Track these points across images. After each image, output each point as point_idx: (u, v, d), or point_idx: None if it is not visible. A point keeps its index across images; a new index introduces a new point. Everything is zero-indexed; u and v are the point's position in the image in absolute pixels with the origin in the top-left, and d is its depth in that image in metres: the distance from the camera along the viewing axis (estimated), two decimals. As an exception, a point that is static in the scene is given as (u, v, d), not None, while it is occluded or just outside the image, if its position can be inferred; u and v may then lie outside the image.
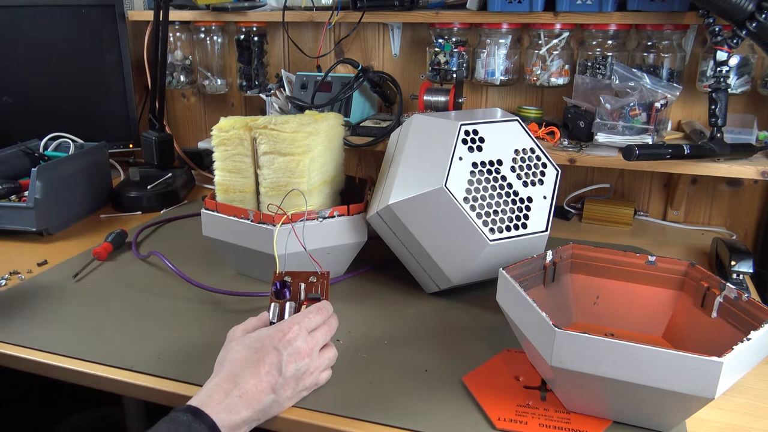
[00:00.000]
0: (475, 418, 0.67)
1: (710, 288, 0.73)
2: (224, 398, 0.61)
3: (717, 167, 1.04)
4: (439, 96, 1.23)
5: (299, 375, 0.67)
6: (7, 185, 1.19)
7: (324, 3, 1.33)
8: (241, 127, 0.91)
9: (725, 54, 1.00)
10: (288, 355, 0.66)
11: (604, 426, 0.65)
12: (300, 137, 0.88)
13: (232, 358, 0.66)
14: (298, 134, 0.88)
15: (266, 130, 0.89)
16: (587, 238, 1.19)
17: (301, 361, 0.67)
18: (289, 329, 0.69)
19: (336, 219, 0.93)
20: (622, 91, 1.11)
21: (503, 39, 1.23)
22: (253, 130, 0.90)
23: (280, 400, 0.66)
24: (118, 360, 0.77)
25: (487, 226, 0.84)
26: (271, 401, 0.65)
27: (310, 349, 0.69)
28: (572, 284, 0.83)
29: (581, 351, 0.60)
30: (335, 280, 1.00)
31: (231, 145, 0.92)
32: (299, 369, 0.67)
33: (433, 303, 0.93)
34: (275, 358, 0.66)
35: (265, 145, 0.89)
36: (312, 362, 0.69)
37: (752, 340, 0.60)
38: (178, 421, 0.58)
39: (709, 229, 1.26)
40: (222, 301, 0.93)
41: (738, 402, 0.71)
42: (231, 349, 0.68)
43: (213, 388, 0.62)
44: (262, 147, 0.90)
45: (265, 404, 0.64)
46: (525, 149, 0.90)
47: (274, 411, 0.66)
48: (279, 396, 0.65)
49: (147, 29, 1.51)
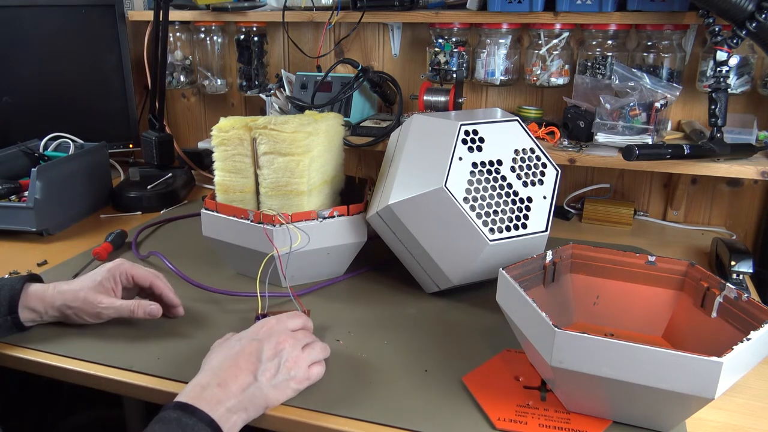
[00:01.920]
0: (475, 418, 0.67)
1: (710, 288, 0.73)
2: (202, 391, 0.62)
3: (717, 167, 1.04)
4: (439, 96, 1.23)
5: (280, 361, 0.68)
6: (7, 185, 1.19)
7: (324, 3, 1.33)
8: (241, 128, 0.91)
9: (725, 54, 1.00)
10: (267, 343, 0.69)
11: (604, 426, 0.65)
12: (300, 137, 0.88)
13: (212, 357, 0.69)
14: (298, 134, 0.88)
15: (266, 130, 0.89)
16: (587, 238, 1.19)
17: (281, 347, 0.69)
18: (266, 323, 0.72)
19: (336, 219, 0.93)
20: (622, 91, 1.11)
21: (503, 39, 1.23)
22: (253, 130, 0.90)
23: (263, 386, 0.66)
24: (118, 360, 0.77)
25: (487, 226, 0.84)
26: (254, 388, 0.65)
27: (292, 338, 0.71)
28: (572, 284, 0.83)
29: (581, 351, 0.60)
30: (335, 280, 1.00)
31: (231, 145, 0.92)
32: (279, 354, 0.69)
33: (433, 303, 0.93)
34: (254, 347, 0.68)
35: (264, 145, 0.89)
36: (293, 351, 0.70)
37: (752, 340, 0.60)
38: (168, 419, 0.59)
39: (709, 229, 1.26)
40: (222, 301, 0.93)
41: (738, 402, 0.71)
42: (212, 351, 0.72)
43: (194, 383, 0.65)
44: (261, 147, 0.90)
45: (248, 392, 0.65)
46: (525, 149, 0.90)
47: (261, 401, 0.66)
48: (260, 382, 0.66)
49: (147, 29, 1.51)
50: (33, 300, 0.81)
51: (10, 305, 0.79)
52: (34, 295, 0.81)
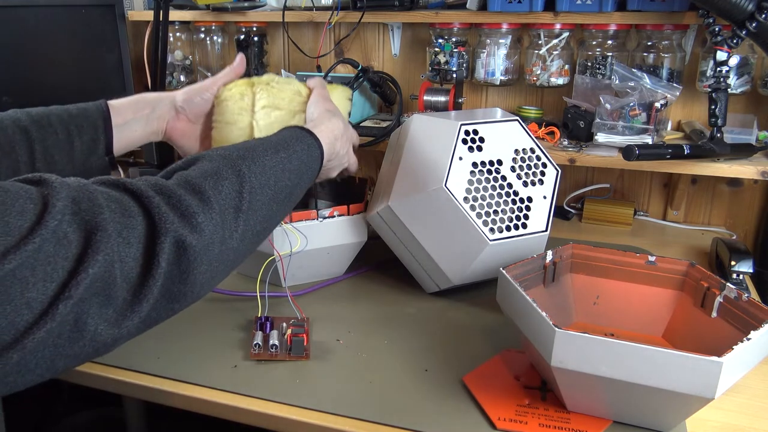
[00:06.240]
0: (475, 418, 0.67)
1: (710, 288, 0.73)
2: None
3: (717, 167, 1.04)
4: (439, 96, 1.23)
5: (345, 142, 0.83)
6: (7, 185, 1.19)
7: (324, 3, 1.33)
8: (244, 84, 0.91)
9: (725, 54, 1.00)
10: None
11: (604, 426, 0.66)
12: (299, 99, 0.88)
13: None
14: (298, 97, 0.89)
15: (268, 87, 0.89)
16: (587, 238, 1.19)
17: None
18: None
19: (336, 219, 0.93)
20: (622, 91, 1.11)
21: (503, 39, 1.23)
22: (255, 85, 0.90)
23: (338, 145, 0.80)
24: (118, 360, 0.77)
25: (487, 225, 0.84)
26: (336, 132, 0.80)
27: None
28: (572, 284, 0.83)
29: (581, 351, 0.60)
30: (335, 280, 1.00)
31: (232, 100, 0.91)
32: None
33: (433, 303, 0.93)
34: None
35: (264, 99, 0.89)
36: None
37: (752, 340, 0.60)
38: (296, 134, 0.73)
39: (709, 229, 1.26)
40: (222, 301, 0.93)
41: (738, 402, 0.71)
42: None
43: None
44: (260, 102, 0.89)
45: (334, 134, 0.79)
46: (525, 149, 0.90)
47: (337, 144, 0.80)
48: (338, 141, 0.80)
49: (147, 29, 1.51)
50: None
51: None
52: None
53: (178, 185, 0.56)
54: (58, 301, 0.44)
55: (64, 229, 0.45)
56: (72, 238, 0.45)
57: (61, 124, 0.77)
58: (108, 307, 0.47)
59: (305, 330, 0.80)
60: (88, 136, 0.79)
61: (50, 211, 0.45)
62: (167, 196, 0.54)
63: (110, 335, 0.48)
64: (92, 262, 0.45)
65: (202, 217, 0.54)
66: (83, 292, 0.45)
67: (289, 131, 0.74)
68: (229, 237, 0.57)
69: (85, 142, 0.78)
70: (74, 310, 0.45)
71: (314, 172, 0.74)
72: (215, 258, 0.56)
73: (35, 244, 0.43)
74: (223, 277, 0.61)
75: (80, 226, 0.46)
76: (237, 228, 0.58)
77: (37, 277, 0.43)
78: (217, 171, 0.59)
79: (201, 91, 0.89)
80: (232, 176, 0.60)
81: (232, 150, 0.64)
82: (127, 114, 0.83)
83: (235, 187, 0.59)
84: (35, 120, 0.76)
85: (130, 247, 0.49)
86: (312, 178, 0.74)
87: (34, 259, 0.43)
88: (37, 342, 0.43)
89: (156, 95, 0.88)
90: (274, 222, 0.67)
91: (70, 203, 0.46)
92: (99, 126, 0.80)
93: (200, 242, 0.54)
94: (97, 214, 0.47)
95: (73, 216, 0.46)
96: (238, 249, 0.60)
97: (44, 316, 0.43)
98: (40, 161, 0.75)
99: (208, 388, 0.72)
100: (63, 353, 0.46)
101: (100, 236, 0.46)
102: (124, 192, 0.53)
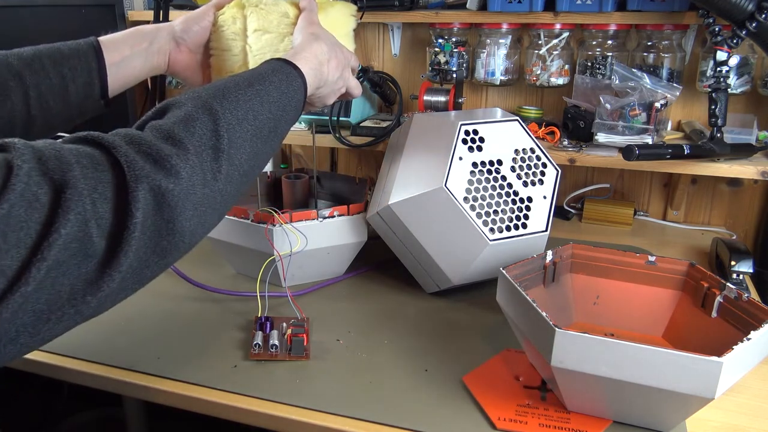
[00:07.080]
0: (475, 418, 0.67)
1: (710, 288, 0.73)
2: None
3: (717, 167, 1.04)
4: (439, 96, 1.23)
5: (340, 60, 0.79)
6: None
7: (324, 3, 1.33)
8: (235, 6, 0.90)
9: (725, 54, 1.00)
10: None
11: (604, 426, 0.66)
12: (286, 21, 0.86)
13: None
14: (285, 19, 0.86)
15: (257, 9, 0.88)
16: (587, 238, 1.19)
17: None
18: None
19: (336, 219, 0.93)
20: (622, 91, 1.11)
21: (503, 39, 1.23)
22: (246, 7, 0.89)
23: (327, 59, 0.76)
24: (118, 360, 0.77)
25: (487, 225, 0.84)
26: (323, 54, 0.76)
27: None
28: (572, 284, 0.83)
29: (581, 351, 0.60)
30: (335, 280, 1.00)
31: (225, 25, 0.90)
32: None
33: (433, 303, 0.93)
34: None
35: (255, 22, 0.88)
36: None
37: (752, 340, 0.60)
38: (273, 65, 0.70)
39: (709, 229, 1.26)
40: (222, 301, 0.93)
41: (738, 402, 0.71)
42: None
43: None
44: (252, 25, 0.88)
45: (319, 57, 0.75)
46: (525, 149, 0.90)
47: (324, 69, 0.76)
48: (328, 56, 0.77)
49: (147, 29, 1.51)
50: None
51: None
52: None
53: (149, 133, 0.54)
54: (31, 264, 0.42)
55: (33, 191, 0.43)
56: (44, 200, 0.43)
57: (54, 67, 0.73)
58: (87, 267, 0.45)
59: (305, 330, 0.80)
60: (82, 79, 0.75)
61: (17, 173, 0.42)
62: (137, 144, 0.51)
63: (92, 296, 0.46)
64: (63, 222, 0.43)
65: (176, 159, 0.52)
66: (58, 254, 0.43)
67: (267, 64, 0.71)
68: (213, 178, 0.55)
69: (79, 86, 0.75)
70: (51, 274, 0.43)
71: (299, 102, 0.71)
72: (200, 202, 0.54)
73: (3, 210, 0.41)
74: (214, 223, 0.59)
75: (50, 187, 0.44)
76: (220, 168, 0.56)
77: (9, 243, 0.41)
78: (187, 113, 0.57)
79: (198, 19, 0.87)
80: (204, 115, 0.57)
81: (202, 91, 0.61)
82: (124, 50, 0.79)
83: (209, 126, 0.57)
84: (27, 63, 0.72)
85: (106, 203, 0.47)
86: (298, 109, 0.71)
87: (4, 224, 0.41)
88: (14, 309, 0.42)
89: (153, 27, 0.84)
90: (262, 160, 0.65)
91: (36, 164, 0.44)
92: (93, 68, 0.76)
93: (178, 186, 0.51)
94: (65, 172, 0.45)
95: (42, 176, 0.44)
96: (225, 190, 0.58)
97: (17, 281, 0.42)
98: (35, 108, 0.71)
99: (208, 388, 0.72)
100: (44, 318, 0.44)
101: (70, 194, 0.44)
102: (94, 147, 0.51)
